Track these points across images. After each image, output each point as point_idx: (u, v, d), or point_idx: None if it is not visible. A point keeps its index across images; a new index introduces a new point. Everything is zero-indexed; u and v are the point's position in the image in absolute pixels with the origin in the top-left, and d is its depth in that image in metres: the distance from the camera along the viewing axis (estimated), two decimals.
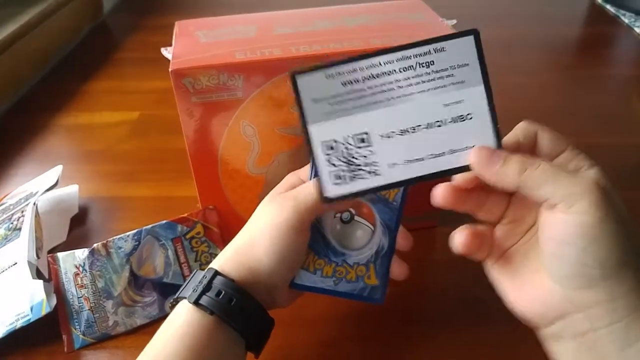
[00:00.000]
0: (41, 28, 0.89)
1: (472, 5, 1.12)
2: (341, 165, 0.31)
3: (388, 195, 0.38)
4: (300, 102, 0.31)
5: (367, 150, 0.31)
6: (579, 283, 0.28)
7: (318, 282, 0.38)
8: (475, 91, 0.32)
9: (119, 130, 0.74)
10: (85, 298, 0.45)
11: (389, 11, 0.50)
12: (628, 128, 0.71)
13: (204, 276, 0.35)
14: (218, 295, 0.34)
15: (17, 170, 0.67)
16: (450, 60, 0.31)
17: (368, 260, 0.38)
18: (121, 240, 0.47)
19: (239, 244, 0.37)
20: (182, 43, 0.45)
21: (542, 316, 0.30)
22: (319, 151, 0.31)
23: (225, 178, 0.47)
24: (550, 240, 0.29)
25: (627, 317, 0.27)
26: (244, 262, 0.36)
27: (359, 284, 0.39)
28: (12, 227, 0.51)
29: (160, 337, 0.34)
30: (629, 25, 1.00)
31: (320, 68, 0.31)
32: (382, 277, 0.38)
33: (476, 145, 0.31)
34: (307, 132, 0.31)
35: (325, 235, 0.39)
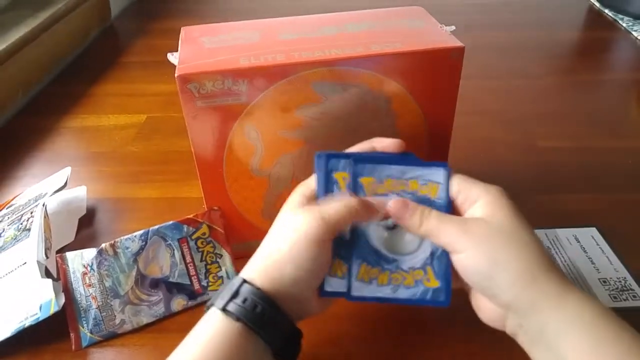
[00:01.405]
0: (50, 32, 0.90)
1: (472, 12, 1.13)
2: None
3: (430, 195, 0.38)
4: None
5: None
6: (492, 300, 0.35)
7: (376, 292, 0.39)
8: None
9: (126, 132, 0.75)
10: (93, 297, 0.46)
11: (390, 18, 0.50)
12: (626, 132, 0.72)
13: (232, 284, 0.36)
14: (244, 302, 0.35)
15: (26, 171, 0.68)
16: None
17: (424, 263, 0.38)
18: (128, 240, 0.48)
19: (264, 254, 0.38)
20: (187, 49, 0.46)
21: (495, 323, 0.36)
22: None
23: (230, 180, 0.48)
24: (463, 274, 0.36)
25: (526, 318, 0.34)
26: (270, 272, 0.36)
27: (418, 288, 0.38)
28: (22, 228, 0.52)
29: (189, 342, 0.35)
30: (627, 29, 1.01)
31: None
32: (443, 278, 0.38)
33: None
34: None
35: (373, 244, 0.39)
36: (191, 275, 0.48)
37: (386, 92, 0.45)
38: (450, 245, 0.36)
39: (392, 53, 0.44)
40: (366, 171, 0.39)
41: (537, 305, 0.33)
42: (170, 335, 0.46)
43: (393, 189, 0.39)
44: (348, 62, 0.43)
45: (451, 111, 0.48)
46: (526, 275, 0.33)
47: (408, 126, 0.48)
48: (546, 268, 0.34)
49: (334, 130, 0.47)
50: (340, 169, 0.39)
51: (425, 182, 0.38)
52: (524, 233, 0.35)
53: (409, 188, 0.39)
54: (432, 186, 0.38)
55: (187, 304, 0.48)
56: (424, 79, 0.45)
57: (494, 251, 0.34)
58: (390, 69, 0.44)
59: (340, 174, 0.39)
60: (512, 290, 0.33)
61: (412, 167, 0.39)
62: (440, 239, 0.36)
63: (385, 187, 0.39)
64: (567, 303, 0.33)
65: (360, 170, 0.39)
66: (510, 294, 0.34)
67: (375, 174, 0.39)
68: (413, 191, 0.39)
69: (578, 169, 0.64)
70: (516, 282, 0.33)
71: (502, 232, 0.34)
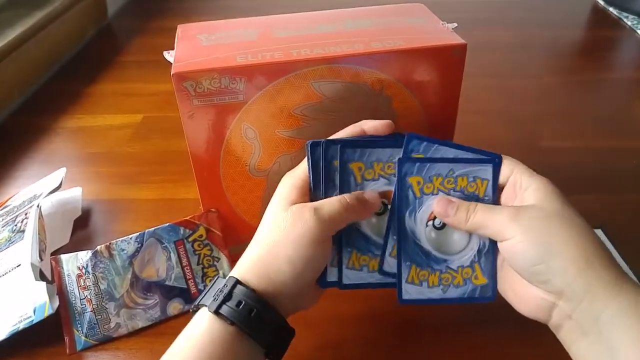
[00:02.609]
0: (47, 31, 0.90)
1: (475, 10, 1.12)
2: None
3: (478, 192, 0.38)
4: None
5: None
6: (541, 287, 0.34)
7: (426, 294, 0.38)
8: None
9: (122, 132, 0.74)
10: (88, 300, 0.45)
11: (390, 15, 0.50)
12: (631, 132, 0.71)
13: (224, 285, 0.35)
14: (238, 306, 0.34)
15: (21, 172, 0.68)
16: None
17: (472, 261, 0.38)
18: (124, 242, 0.47)
19: (260, 253, 0.37)
20: (184, 46, 0.45)
21: (538, 314, 0.35)
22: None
23: (227, 180, 0.47)
24: (512, 262, 0.35)
25: (579, 305, 0.32)
26: (265, 273, 0.35)
27: (467, 286, 0.38)
28: (16, 229, 0.51)
29: (180, 345, 0.34)
30: (632, 28, 1.00)
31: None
32: (490, 273, 0.38)
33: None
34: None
35: (422, 245, 0.38)
36: (188, 278, 0.48)
37: (387, 90, 0.44)
38: (499, 233, 0.35)
39: (393, 51, 0.43)
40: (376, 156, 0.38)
41: (592, 291, 0.32)
42: (166, 340, 0.44)
43: (441, 186, 0.38)
44: (348, 59, 0.42)
45: (453, 110, 0.47)
46: (580, 260, 0.32)
47: (409, 125, 0.47)
48: (600, 255, 0.32)
49: (334, 130, 0.46)
50: (336, 156, 0.38)
51: (474, 178, 0.38)
52: (577, 219, 0.34)
53: (457, 186, 0.38)
54: (480, 183, 0.38)
55: (183, 308, 0.47)
56: (425, 77, 0.44)
57: (547, 236, 0.33)
58: (391, 66, 0.43)
59: (356, 164, 0.38)
60: (566, 275, 0.32)
61: (461, 163, 0.38)
62: (489, 229, 0.35)
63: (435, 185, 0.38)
64: (622, 291, 0.31)
65: (349, 156, 0.38)
66: (565, 279, 0.32)
67: (383, 157, 0.39)
68: (462, 188, 0.38)
69: (582, 169, 0.63)
70: (570, 267, 0.32)
71: (554, 217, 0.34)
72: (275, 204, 0.38)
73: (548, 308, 0.34)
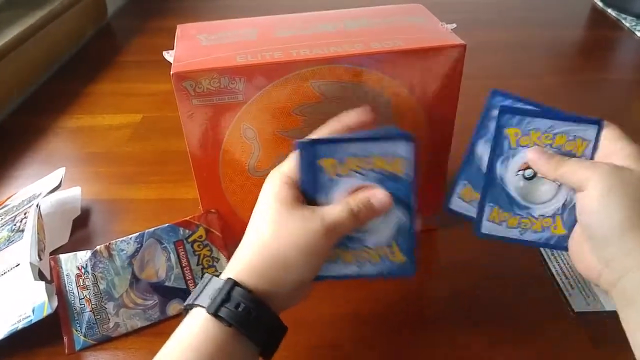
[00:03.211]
0: (46, 31, 0.90)
1: (475, 10, 1.12)
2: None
3: (576, 151, 0.39)
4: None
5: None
6: (600, 244, 0.35)
7: (504, 232, 0.41)
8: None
9: (121, 132, 0.74)
10: (87, 299, 0.45)
11: (389, 15, 0.50)
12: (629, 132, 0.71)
13: (222, 287, 0.34)
14: (237, 308, 0.33)
15: (20, 172, 0.67)
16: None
17: (555, 213, 0.40)
18: (123, 242, 0.47)
19: (259, 255, 0.36)
20: (183, 46, 0.45)
21: (593, 275, 0.37)
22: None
23: (226, 180, 0.47)
24: (579, 213, 0.37)
25: (627, 274, 0.34)
26: (267, 275, 0.35)
27: (544, 233, 0.40)
28: (15, 229, 0.51)
29: (175, 345, 0.34)
30: (630, 29, 1.00)
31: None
32: (570, 227, 0.40)
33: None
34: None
35: (508, 192, 0.41)
36: (187, 279, 0.48)
37: (386, 90, 0.44)
38: (581, 183, 0.36)
39: (392, 51, 0.43)
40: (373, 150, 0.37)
41: (636, 258, 0.33)
42: (165, 339, 0.44)
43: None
44: (347, 59, 0.42)
45: (453, 110, 0.47)
46: (637, 237, 0.33)
47: (408, 125, 0.47)
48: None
49: None
50: (328, 155, 0.37)
51: (574, 137, 0.39)
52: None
53: (555, 142, 0.39)
54: (580, 142, 0.39)
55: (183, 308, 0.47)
56: (424, 77, 0.44)
57: (619, 204, 0.34)
58: (390, 67, 0.43)
59: (328, 161, 0.37)
60: (616, 248, 0.34)
61: (564, 121, 0.39)
62: (575, 176, 0.36)
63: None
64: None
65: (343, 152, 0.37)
66: (613, 252, 0.34)
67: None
68: (558, 145, 0.39)
69: None
70: (623, 242, 0.34)
71: (626, 177, 0.35)
72: (270, 203, 0.37)
73: (597, 273, 0.36)
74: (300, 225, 0.35)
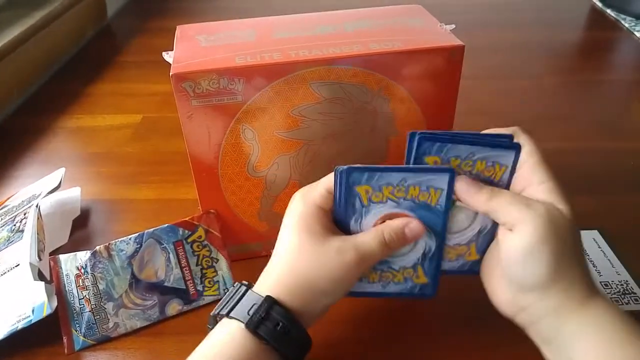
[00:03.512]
0: (46, 31, 0.90)
1: (473, 11, 1.13)
2: None
3: (494, 177, 0.38)
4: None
5: None
6: (519, 290, 0.35)
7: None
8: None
9: (121, 133, 0.74)
10: (87, 300, 0.45)
11: (388, 16, 0.50)
12: (629, 133, 0.71)
13: (261, 305, 0.35)
14: (276, 327, 0.35)
15: (20, 172, 0.68)
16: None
17: (469, 241, 0.39)
18: (123, 242, 0.47)
19: (299, 281, 0.37)
20: (182, 47, 0.45)
21: (509, 313, 0.37)
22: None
23: (225, 181, 0.47)
24: (503, 255, 0.35)
25: (543, 319, 0.34)
26: (300, 297, 0.36)
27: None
28: (15, 229, 0.51)
29: (207, 351, 0.35)
30: (629, 29, 1.00)
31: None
32: (483, 252, 0.40)
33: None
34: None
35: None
36: (187, 279, 0.48)
37: (385, 91, 0.45)
38: (512, 223, 0.35)
39: (391, 52, 0.43)
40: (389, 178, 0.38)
41: (557, 311, 0.34)
42: (164, 339, 0.45)
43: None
44: (346, 60, 0.42)
45: (451, 111, 0.47)
46: (556, 282, 0.34)
47: (407, 126, 0.47)
48: (575, 272, 0.34)
49: (332, 130, 0.46)
50: (363, 182, 0.37)
51: (493, 163, 0.38)
52: (570, 237, 0.35)
53: (475, 169, 0.38)
54: (498, 168, 0.38)
55: (182, 308, 0.47)
56: (423, 78, 0.45)
57: (541, 250, 0.33)
58: (389, 68, 0.43)
59: (365, 187, 0.37)
60: (536, 296, 0.34)
61: (482, 147, 0.38)
62: (507, 215, 0.35)
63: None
64: (588, 308, 0.33)
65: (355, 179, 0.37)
66: (532, 299, 0.34)
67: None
68: (478, 172, 0.38)
69: (580, 170, 0.63)
70: (543, 289, 0.34)
71: (559, 225, 0.34)
72: (302, 229, 0.37)
73: (511, 311, 0.36)
74: (335, 258, 0.36)
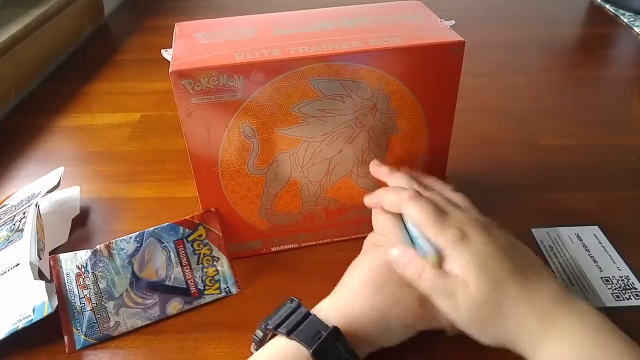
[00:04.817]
0: (43, 30, 0.89)
1: (472, 7, 1.12)
2: None
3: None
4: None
5: None
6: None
7: None
8: None
9: (120, 131, 0.74)
10: (87, 299, 0.45)
11: (387, 12, 0.50)
12: (628, 128, 0.71)
13: (328, 335, 0.36)
14: (334, 357, 0.35)
15: (18, 171, 0.67)
16: None
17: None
18: (123, 241, 0.47)
19: (363, 313, 0.38)
20: (181, 44, 0.45)
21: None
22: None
23: (225, 179, 0.47)
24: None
25: (512, 349, 0.36)
26: (365, 334, 0.37)
27: None
28: (15, 229, 0.51)
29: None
30: (629, 25, 1.00)
31: None
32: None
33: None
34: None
35: None
36: (187, 278, 0.47)
37: (385, 88, 0.44)
38: (442, 305, 0.37)
39: (391, 48, 0.43)
40: None
41: (517, 345, 0.35)
42: (165, 338, 0.45)
43: None
44: (346, 57, 0.42)
45: (451, 107, 0.47)
46: (500, 329, 0.36)
47: (407, 123, 0.47)
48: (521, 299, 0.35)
49: (332, 127, 0.46)
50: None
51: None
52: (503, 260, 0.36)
53: None
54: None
55: (182, 307, 0.47)
56: (423, 74, 0.44)
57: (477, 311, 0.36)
58: (389, 64, 0.43)
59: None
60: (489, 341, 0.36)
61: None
62: (435, 298, 0.37)
63: None
64: (548, 333, 0.34)
65: None
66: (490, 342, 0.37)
67: None
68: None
69: (580, 166, 0.63)
70: (490, 339, 0.36)
71: (484, 289, 0.36)
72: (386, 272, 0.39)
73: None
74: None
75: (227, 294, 0.48)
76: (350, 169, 0.49)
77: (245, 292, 0.49)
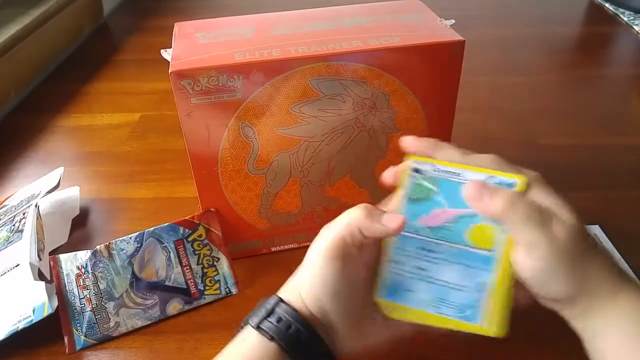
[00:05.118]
0: (42, 30, 0.89)
1: (472, 7, 1.12)
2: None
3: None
4: None
5: None
6: (544, 299, 0.34)
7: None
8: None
9: (119, 131, 0.74)
10: (87, 299, 0.45)
11: (387, 12, 0.50)
12: (628, 128, 0.71)
13: (268, 302, 0.35)
14: (278, 322, 0.34)
15: (18, 172, 0.67)
16: None
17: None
18: (123, 242, 0.47)
19: (299, 274, 0.36)
20: (181, 44, 0.45)
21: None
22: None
23: (225, 179, 0.47)
24: (520, 273, 0.33)
25: (571, 321, 0.34)
26: (302, 293, 0.35)
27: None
28: (14, 229, 0.51)
29: (225, 357, 0.35)
30: (628, 23, 1.00)
31: None
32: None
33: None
34: None
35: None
36: (187, 279, 0.47)
37: (385, 87, 0.44)
38: (529, 245, 0.33)
39: (390, 47, 0.43)
40: None
41: (583, 314, 0.33)
42: (165, 338, 0.45)
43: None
44: (346, 56, 0.42)
45: (451, 107, 0.47)
46: (574, 287, 0.33)
47: (407, 122, 0.47)
48: (597, 270, 0.33)
49: (332, 127, 0.46)
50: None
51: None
52: (586, 237, 0.33)
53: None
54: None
55: (183, 308, 0.47)
56: (423, 74, 0.44)
57: (563, 265, 0.32)
58: (389, 63, 0.43)
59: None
60: (557, 299, 0.34)
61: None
62: (521, 237, 0.33)
63: None
64: (613, 308, 0.32)
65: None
66: (555, 302, 0.34)
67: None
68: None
69: (580, 166, 0.63)
70: (561, 295, 0.33)
71: (573, 240, 0.32)
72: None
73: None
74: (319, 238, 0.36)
75: (227, 294, 0.48)
76: (350, 169, 0.49)
77: (245, 292, 0.49)
